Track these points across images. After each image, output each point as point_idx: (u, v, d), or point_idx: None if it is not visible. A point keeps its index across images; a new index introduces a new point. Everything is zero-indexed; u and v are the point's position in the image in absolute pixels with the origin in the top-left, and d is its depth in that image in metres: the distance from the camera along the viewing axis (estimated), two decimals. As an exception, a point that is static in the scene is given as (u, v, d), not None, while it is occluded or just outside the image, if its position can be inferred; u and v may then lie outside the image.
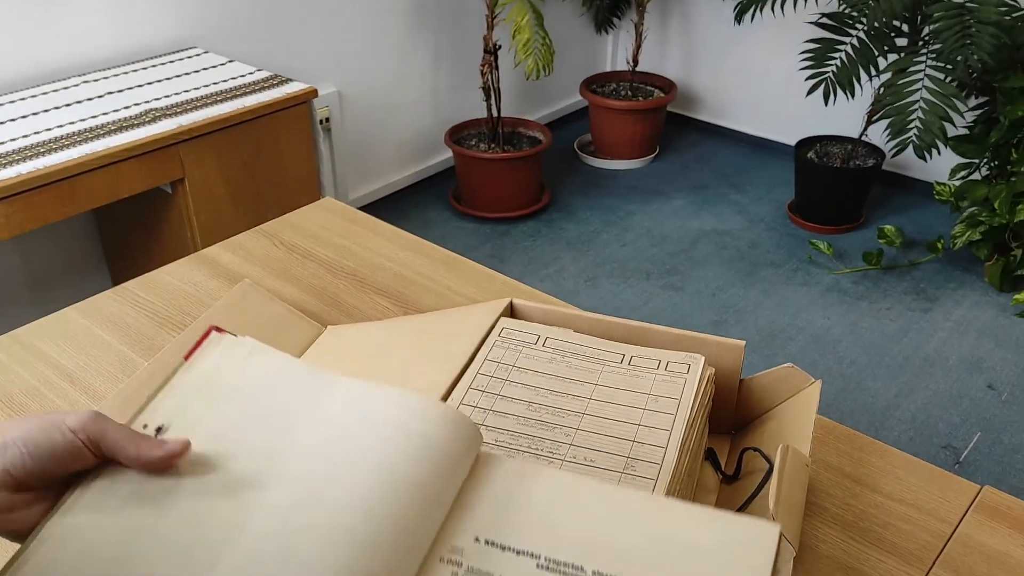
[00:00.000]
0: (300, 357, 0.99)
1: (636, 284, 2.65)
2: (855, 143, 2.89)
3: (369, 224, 1.34)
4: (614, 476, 0.70)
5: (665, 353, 0.85)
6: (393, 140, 3.01)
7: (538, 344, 0.86)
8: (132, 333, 1.07)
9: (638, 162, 3.39)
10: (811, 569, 0.78)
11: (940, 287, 2.62)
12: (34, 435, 0.50)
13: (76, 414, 0.52)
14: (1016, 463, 1.97)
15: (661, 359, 0.84)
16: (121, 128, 1.80)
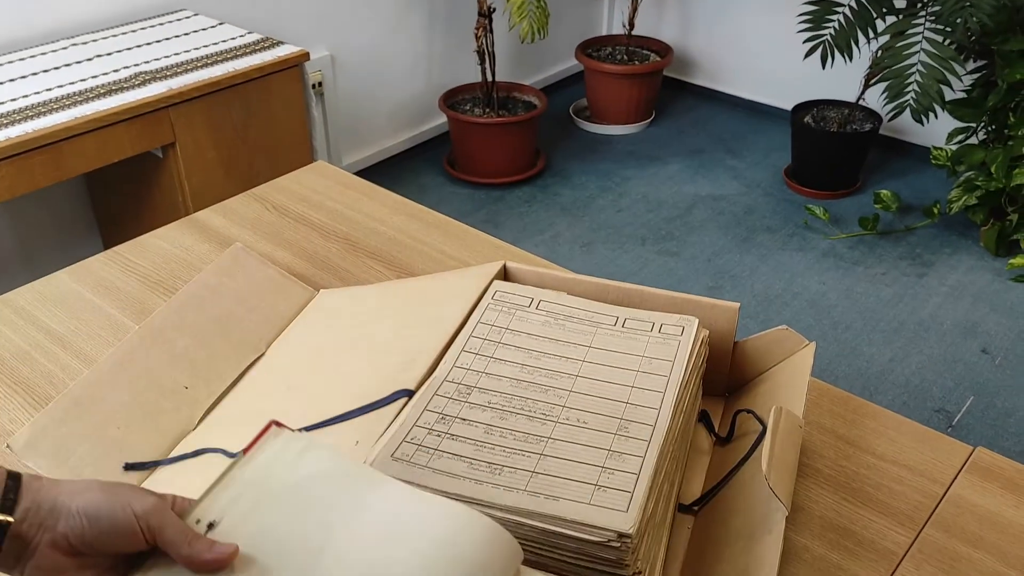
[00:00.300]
0: (293, 320, 0.98)
1: (632, 250, 2.64)
2: (852, 107, 2.87)
3: (362, 188, 1.32)
4: (607, 437, 0.70)
5: (659, 316, 0.85)
6: (387, 105, 2.98)
7: (531, 307, 0.86)
8: (122, 297, 1.06)
9: (634, 127, 3.37)
10: (802, 529, 0.78)
11: (936, 252, 2.62)
12: (100, 509, 0.52)
13: (142, 498, 0.54)
14: (1008, 427, 1.98)
15: (655, 321, 0.84)
16: (111, 91, 1.77)
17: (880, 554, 0.75)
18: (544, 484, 0.65)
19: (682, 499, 0.80)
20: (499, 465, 0.67)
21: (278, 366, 0.91)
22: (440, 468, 0.67)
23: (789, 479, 0.70)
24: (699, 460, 0.85)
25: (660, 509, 0.70)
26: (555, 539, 0.63)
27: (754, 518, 0.70)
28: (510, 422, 0.72)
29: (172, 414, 0.85)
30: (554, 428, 0.71)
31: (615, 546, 0.62)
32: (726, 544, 0.71)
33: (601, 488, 0.65)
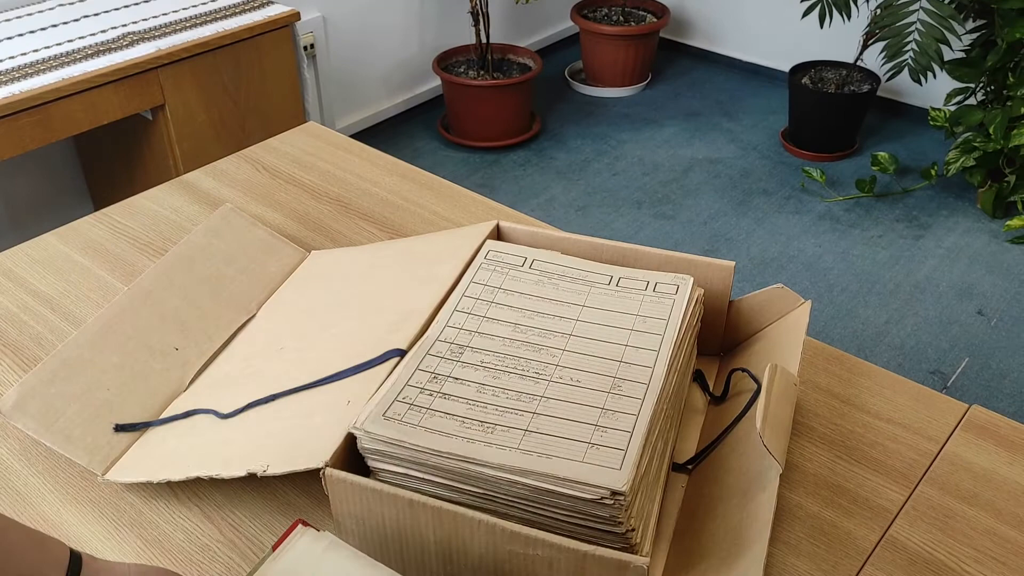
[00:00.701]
0: (284, 281, 0.97)
1: (627, 213, 2.63)
2: (850, 68, 2.84)
3: (354, 149, 1.31)
4: (600, 396, 0.70)
5: (653, 274, 0.84)
6: (380, 67, 2.94)
7: (525, 266, 0.85)
8: (112, 258, 1.05)
9: (630, 89, 3.33)
10: (796, 487, 0.78)
11: (932, 214, 2.60)
12: None
13: None
14: (1003, 388, 1.98)
15: (649, 280, 0.83)
16: (98, 52, 1.75)
17: (874, 511, 0.75)
18: (537, 442, 0.65)
19: (676, 458, 0.79)
20: (491, 424, 0.66)
21: (269, 327, 0.90)
22: (432, 427, 0.66)
23: (783, 437, 0.69)
24: (694, 419, 0.84)
25: (654, 467, 0.69)
26: (548, 497, 0.63)
27: (748, 476, 0.70)
28: (503, 381, 0.71)
29: (162, 375, 0.84)
30: (547, 387, 0.70)
31: (608, 503, 0.61)
32: (720, 501, 0.71)
33: (594, 446, 0.65)
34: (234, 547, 0.72)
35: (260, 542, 0.73)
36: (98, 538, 0.73)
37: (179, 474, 0.72)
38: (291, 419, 0.73)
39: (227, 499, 0.76)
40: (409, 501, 0.63)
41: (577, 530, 0.64)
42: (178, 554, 0.72)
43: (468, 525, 0.62)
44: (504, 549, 0.62)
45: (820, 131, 2.88)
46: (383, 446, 0.66)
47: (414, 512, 0.64)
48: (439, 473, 0.65)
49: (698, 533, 0.70)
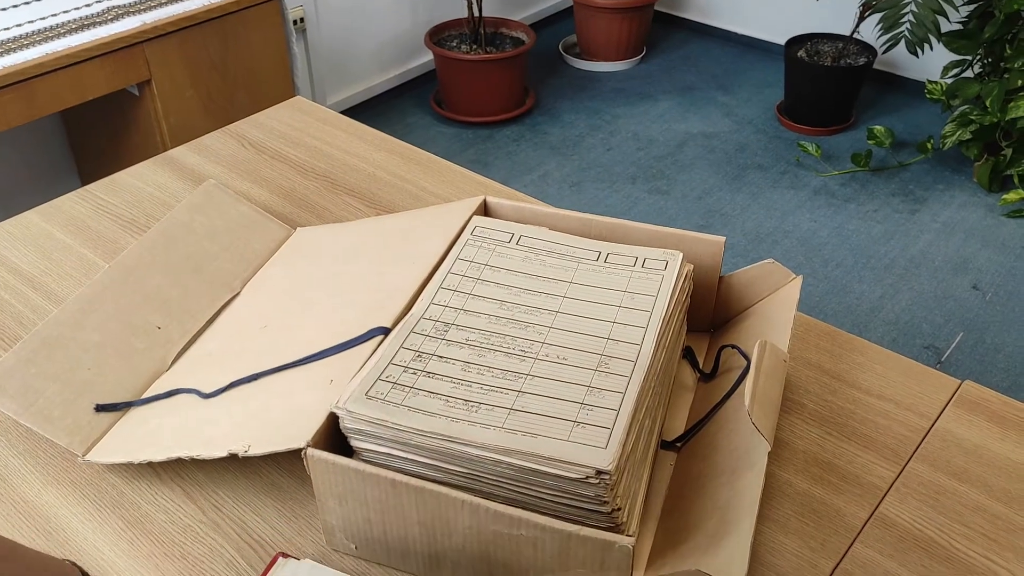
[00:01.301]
0: (268, 259, 0.96)
1: (621, 189, 2.61)
2: (847, 41, 2.81)
3: (342, 124, 1.29)
4: (587, 374, 0.68)
5: (642, 250, 0.82)
6: (371, 42, 2.91)
7: (511, 242, 0.83)
8: (94, 236, 1.04)
9: (624, 64, 3.30)
10: (786, 464, 0.77)
11: (928, 188, 2.59)
12: None
13: None
14: (997, 362, 1.98)
15: (638, 256, 0.82)
16: (82, 27, 1.72)
17: (864, 488, 0.75)
18: (521, 421, 0.64)
19: (665, 435, 0.79)
20: (476, 403, 0.65)
21: (253, 305, 0.89)
22: (415, 406, 0.65)
23: (772, 414, 0.69)
24: (683, 397, 0.83)
25: (641, 445, 0.68)
26: (533, 476, 0.62)
27: (736, 453, 0.69)
28: (488, 359, 0.70)
29: (144, 354, 0.83)
30: (533, 365, 0.69)
31: (593, 483, 0.60)
32: (708, 479, 0.70)
33: (580, 425, 0.64)
34: (216, 527, 0.71)
35: (243, 522, 0.72)
36: (79, 519, 0.72)
37: (160, 454, 0.71)
38: (273, 398, 0.72)
39: (210, 479, 0.75)
40: (392, 481, 0.62)
41: (563, 510, 0.64)
42: (159, 535, 0.71)
43: (451, 505, 0.61)
44: (488, 529, 0.61)
45: (816, 105, 2.86)
46: (365, 426, 0.65)
47: (397, 492, 0.63)
48: (423, 453, 0.64)
49: (686, 511, 0.70)
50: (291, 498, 0.73)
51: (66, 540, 0.70)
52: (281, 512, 0.73)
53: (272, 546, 0.70)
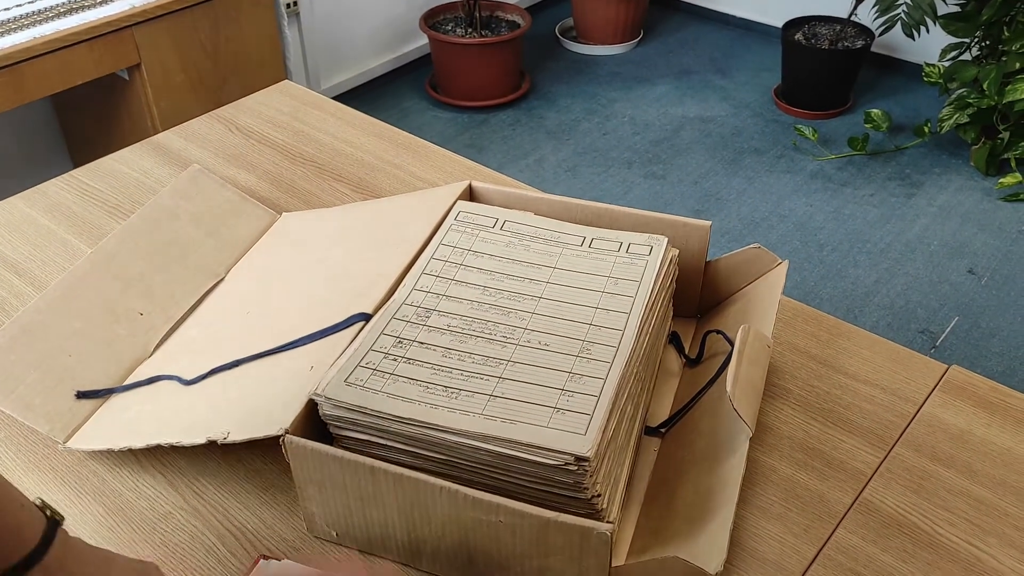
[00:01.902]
0: (253, 244, 0.95)
1: (617, 173, 2.60)
2: (844, 23, 2.79)
3: (330, 108, 1.28)
4: (568, 360, 0.68)
5: (628, 235, 0.82)
6: (366, 25, 2.89)
7: (495, 227, 0.83)
8: (79, 222, 1.03)
9: (621, 47, 3.28)
10: (770, 450, 0.77)
11: (925, 172, 2.58)
12: None
13: None
14: (992, 347, 1.97)
15: (623, 241, 0.81)
16: (70, 10, 1.70)
17: (849, 474, 0.74)
18: (501, 408, 0.63)
19: (650, 421, 0.78)
20: (456, 389, 0.65)
21: (237, 291, 0.88)
22: (395, 392, 0.64)
23: (755, 400, 0.68)
24: (668, 382, 0.83)
25: (623, 431, 0.68)
26: (512, 463, 0.62)
27: (719, 440, 0.69)
28: (469, 345, 0.69)
29: (127, 340, 0.82)
30: (514, 351, 0.69)
31: (572, 469, 0.60)
32: (691, 466, 0.70)
33: (560, 411, 0.63)
34: (197, 514, 0.71)
35: (224, 509, 0.71)
36: (60, 507, 0.72)
37: (140, 441, 0.71)
38: (254, 385, 0.72)
39: (191, 466, 0.75)
40: (371, 468, 0.62)
41: (543, 496, 0.63)
42: (140, 523, 0.71)
43: (430, 492, 0.61)
44: (467, 516, 0.61)
45: (813, 88, 2.84)
46: (345, 413, 0.65)
47: (376, 479, 0.62)
48: (402, 440, 0.64)
49: (669, 497, 0.69)
50: (272, 485, 0.73)
51: (46, 527, 0.70)
52: (262, 499, 0.72)
53: (253, 533, 0.69)
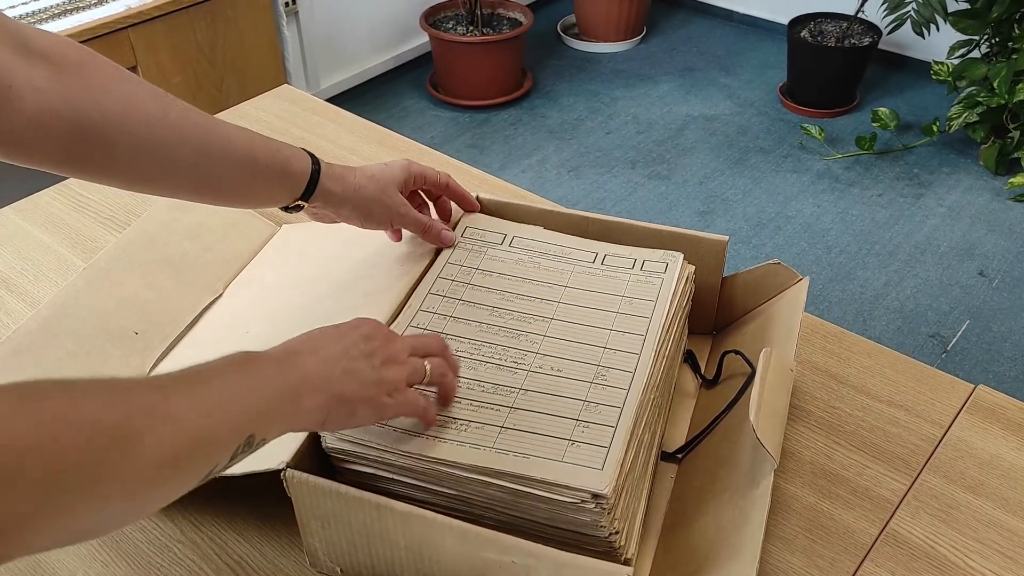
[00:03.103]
0: (252, 259, 0.92)
1: (621, 173, 2.56)
2: (851, 20, 2.75)
3: (330, 114, 1.25)
4: (583, 387, 0.65)
5: (641, 251, 0.79)
6: (365, 24, 2.85)
7: (504, 244, 0.79)
8: (72, 234, 1.00)
9: (624, 44, 3.24)
10: (792, 476, 0.73)
11: (934, 171, 2.54)
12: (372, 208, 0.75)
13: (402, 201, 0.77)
14: (1004, 351, 1.94)
15: (637, 258, 0.78)
16: (65, 12, 1.67)
17: (874, 502, 0.71)
18: (513, 440, 0.60)
19: (665, 446, 0.75)
20: (465, 420, 0.62)
21: (235, 308, 0.85)
22: (399, 424, 0.61)
23: (779, 428, 0.65)
24: (684, 404, 0.80)
25: (640, 461, 0.65)
26: (525, 500, 0.59)
27: (741, 469, 0.65)
28: (478, 372, 0.66)
29: (121, 361, 0.79)
30: (526, 378, 0.66)
31: (589, 507, 0.57)
32: (711, 496, 0.67)
33: (575, 443, 0.60)
34: (195, 548, 0.68)
35: (223, 542, 0.68)
36: (52, 539, 0.69)
37: (135, 472, 0.68)
38: (253, 412, 0.69)
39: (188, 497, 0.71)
40: (376, 505, 0.59)
41: (558, 533, 0.60)
42: (135, 555, 0.68)
43: (439, 531, 0.58)
44: (478, 556, 0.58)
45: (820, 86, 2.80)
46: (348, 446, 0.61)
47: (382, 516, 0.59)
48: (409, 474, 0.61)
49: (687, 530, 0.66)
50: (273, 515, 0.70)
51: (36, 563, 0.67)
52: (263, 531, 0.69)
53: (254, 568, 0.66)
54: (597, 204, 2.43)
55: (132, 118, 0.61)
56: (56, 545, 0.40)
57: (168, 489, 0.46)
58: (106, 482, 0.40)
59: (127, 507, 0.43)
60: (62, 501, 0.38)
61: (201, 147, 0.64)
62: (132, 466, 0.41)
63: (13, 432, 0.36)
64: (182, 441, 0.44)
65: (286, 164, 0.69)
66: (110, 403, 0.41)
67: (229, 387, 0.49)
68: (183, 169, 0.64)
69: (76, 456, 0.38)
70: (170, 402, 0.44)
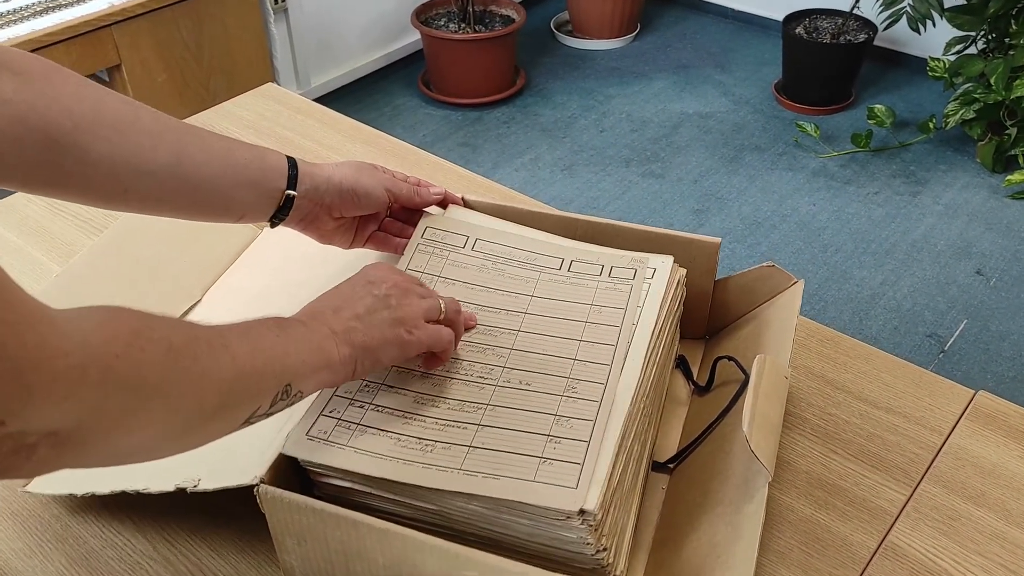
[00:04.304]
0: (233, 262, 0.89)
1: (615, 172, 2.54)
2: (846, 16, 2.73)
3: (316, 113, 1.22)
4: (553, 400, 0.62)
5: (610, 256, 0.75)
6: (356, 21, 2.82)
7: (467, 247, 0.76)
8: (48, 238, 0.97)
9: (618, 42, 3.22)
10: (787, 487, 0.71)
11: (930, 169, 2.52)
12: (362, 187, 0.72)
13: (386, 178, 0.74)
14: (1003, 351, 1.92)
15: (604, 264, 0.75)
16: (47, 9, 1.64)
17: (873, 514, 0.69)
18: (482, 460, 0.58)
19: (657, 455, 0.73)
20: (431, 441, 0.59)
21: (214, 315, 0.82)
22: (363, 447, 0.58)
23: (773, 439, 0.62)
24: (676, 412, 0.77)
25: (630, 474, 0.62)
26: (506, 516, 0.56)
27: (734, 482, 0.63)
28: (443, 388, 0.63)
29: (93, 371, 0.76)
30: (493, 392, 0.63)
31: (575, 524, 0.54)
32: (703, 510, 0.64)
33: (547, 461, 0.57)
34: (168, 565, 0.66)
35: (197, 559, 0.66)
36: (20, 556, 0.66)
37: (104, 487, 0.65)
38: (227, 424, 0.66)
39: (162, 511, 0.69)
40: (353, 522, 0.56)
41: (543, 550, 0.58)
42: (107, 574, 0.65)
43: (419, 549, 0.55)
44: (459, 575, 0.55)
45: (815, 83, 2.78)
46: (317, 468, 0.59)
47: (359, 533, 0.57)
48: (387, 488, 0.58)
49: (679, 544, 0.64)
50: (249, 531, 0.67)
51: None
52: (238, 546, 0.67)
53: (227, 586, 0.64)
54: (591, 203, 2.41)
55: (104, 123, 0.59)
56: (108, 462, 0.45)
57: (216, 421, 0.49)
58: (174, 397, 0.44)
59: (180, 426, 0.46)
60: (133, 407, 0.42)
61: (177, 149, 0.62)
62: (193, 388, 0.45)
63: (101, 342, 0.40)
64: (235, 373, 0.48)
65: (262, 156, 0.67)
66: (178, 329, 0.46)
67: (269, 338, 0.52)
68: (159, 175, 0.62)
69: (150, 370, 0.42)
70: (226, 338, 0.49)
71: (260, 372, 0.50)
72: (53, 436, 0.39)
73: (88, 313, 0.42)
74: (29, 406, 0.36)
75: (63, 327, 0.38)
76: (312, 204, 0.69)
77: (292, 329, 0.55)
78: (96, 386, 0.39)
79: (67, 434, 0.39)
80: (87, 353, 0.39)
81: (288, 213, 0.68)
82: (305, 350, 0.54)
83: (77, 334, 0.39)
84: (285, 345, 0.53)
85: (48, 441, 0.38)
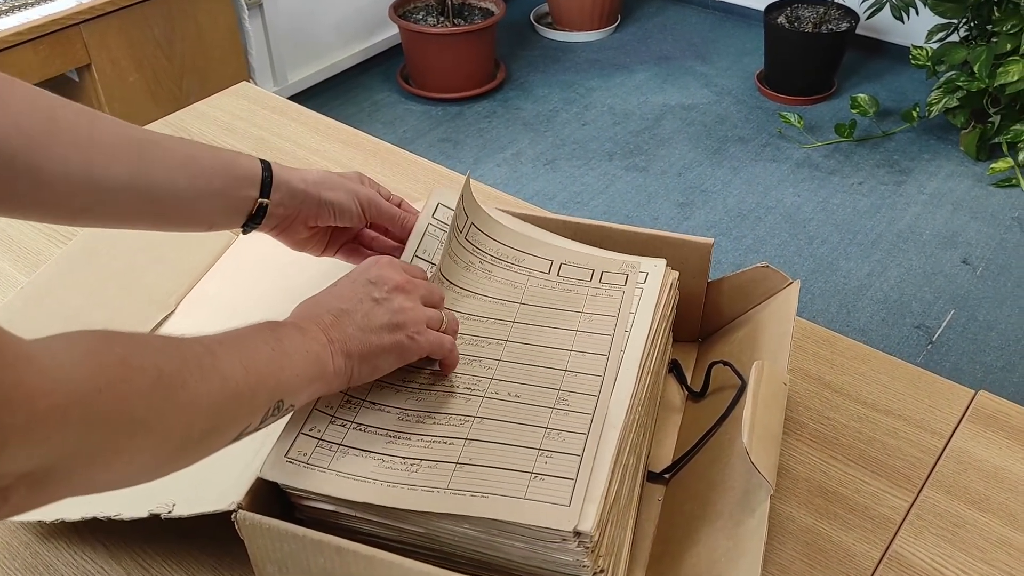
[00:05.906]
0: (207, 271, 0.86)
1: (598, 166, 2.51)
2: (828, 5, 2.72)
3: (291, 112, 1.18)
4: (543, 413, 0.59)
5: (598, 260, 0.73)
6: (333, 16, 2.77)
7: (464, 232, 0.72)
8: (15, 247, 0.93)
9: (598, 33, 3.19)
10: (787, 495, 0.69)
11: (914, 158, 2.51)
12: (339, 201, 0.67)
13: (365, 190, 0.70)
14: (991, 340, 1.91)
15: (595, 269, 0.72)
16: (13, 8, 1.59)
17: (875, 522, 0.67)
18: (470, 478, 0.55)
19: (651, 465, 0.70)
20: (416, 460, 0.56)
21: (188, 327, 0.79)
22: (344, 470, 0.55)
23: (774, 449, 0.60)
24: (670, 418, 0.75)
25: (626, 489, 0.60)
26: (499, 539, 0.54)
27: (734, 494, 0.61)
28: (428, 403, 0.60)
29: (62, 389, 0.73)
30: (480, 404, 0.60)
31: (571, 546, 0.52)
32: (702, 524, 0.62)
33: (538, 476, 0.55)
34: (143, 593, 0.62)
35: (173, 586, 0.63)
36: (-14, 587, 0.63)
37: (75, 513, 0.62)
38: (203, 445, 0.63)
39: (136, 535, 0.66)
40: (337, 548, 0.53)
41: (537, 572, 0.55)
42: (78, 604, 0.62)
43: (406, 576, 0.53)
44: (449, 602, 0.53)
45: (797, 73, 2.77)
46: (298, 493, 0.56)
47: (343, 560, 0.54)
48: (372, 512, 0.56)
49: (677, 560, 0.61)
50: (228, 555, 0.64)
51: (-34, 616, 0.61)
52: (218, 572, 0.64)
53: (206, 615, 0.61)
54: (574, 197, 2.38)
55: (58, 139, 0.55)
56: (86, 494, 0.42)
57: (203, 445, 0.47)
58: (161, 429, 0.42)
59: (165, 455, 0.45)
60: (117, 442, 0.40)
61: (136, 162, 0.58)
62: (181, 416, 0.44)
63: (85, 376, 0.38)
64: (226, 396, 0.47)
65: (232, 163, 0.63)
66: (167, 353, 0.44)
67: (264, 352, 0.50)
68: (119, 192, 0.58)
69: (136, 402, 0.41)
70: (217, 357, 0.47)
71: (253, 390, 0.49)
72: (29, 476, 0.36)
73: (72, 343, 0.39)
74: (4, 452, 0.34)
75: (42, 363, 0.36)
76: (287, 211, 0.66)
77: (287, 339, 0.53)
78: (77, 425, 0.37)
79: (44, 473, 0.37)
80: (69, 391, 0.37)
81: (261, 221, 0.65)
82: (300, 363, 0.52)
83: (58, 370, 0.37)
84: (280, 359, 0.51)
85: (24, 482, 0.36)
